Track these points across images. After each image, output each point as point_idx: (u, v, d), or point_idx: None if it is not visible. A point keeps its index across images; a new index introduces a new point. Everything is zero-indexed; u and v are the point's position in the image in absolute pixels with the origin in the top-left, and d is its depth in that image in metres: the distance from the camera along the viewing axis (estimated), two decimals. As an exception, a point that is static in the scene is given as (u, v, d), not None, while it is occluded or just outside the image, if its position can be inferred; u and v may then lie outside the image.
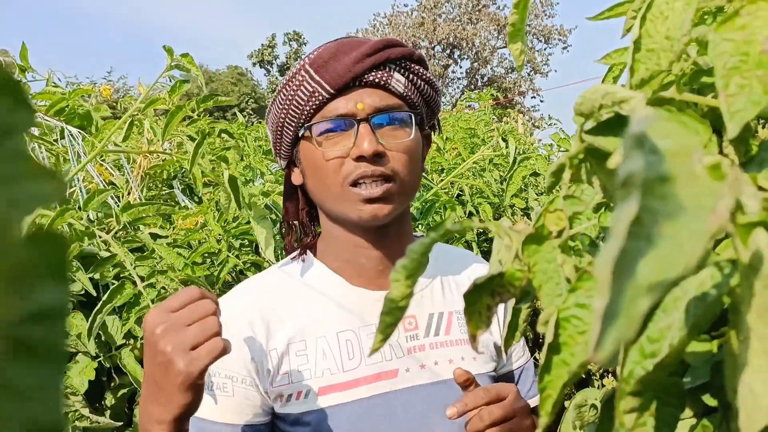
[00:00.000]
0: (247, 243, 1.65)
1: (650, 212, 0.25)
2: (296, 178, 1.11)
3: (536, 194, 2.60)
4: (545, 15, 34.78)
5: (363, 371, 1.03)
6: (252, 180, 1.97)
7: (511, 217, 2.60)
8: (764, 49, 0.39)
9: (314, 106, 1.01)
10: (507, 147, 1.81)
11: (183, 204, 1.82)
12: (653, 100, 0.49)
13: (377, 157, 0.99)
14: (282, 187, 1.65)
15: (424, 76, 1.05)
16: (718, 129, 0.52)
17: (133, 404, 1.32)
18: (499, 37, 35.22)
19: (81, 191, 1.52)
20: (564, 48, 35.35)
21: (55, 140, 1.48)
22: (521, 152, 2.30)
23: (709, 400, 0.62)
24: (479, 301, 0.49)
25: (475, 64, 36.31)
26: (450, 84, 36.66)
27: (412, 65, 1.03)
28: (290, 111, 1.03)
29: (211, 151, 1.27)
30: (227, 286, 1.56)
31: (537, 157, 2.34)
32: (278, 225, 1.81)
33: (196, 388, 0.79)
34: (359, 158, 0.99)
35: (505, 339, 0.69)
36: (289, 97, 1.02)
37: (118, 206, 1.51)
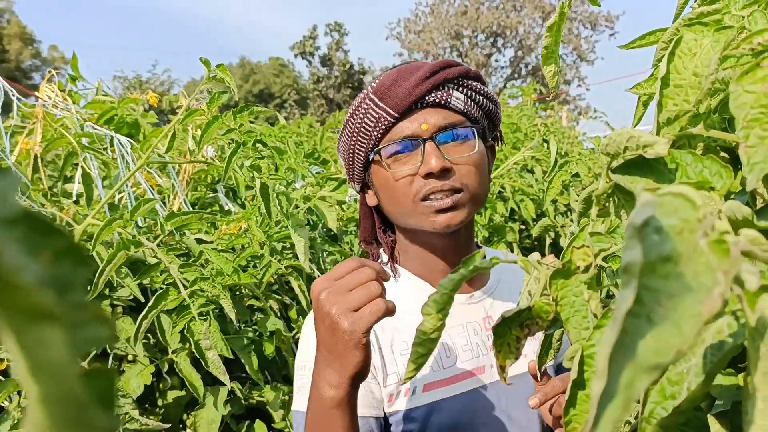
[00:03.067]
0: (288, 246, 1.68)
1: (651, 291, 0.26)
2: (371, 200, 1.19)
3: (577, 194, 2.57)
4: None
5: (460, 368, 1.11)
6: (293, 182, 2.01)
7: (553, 216, 2.60)
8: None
9: (381, 131, 1.08)
10: (548, 148, 1.81)
11: (227, 207, 1.86)
12: (679, 138, 0.50)
13: (444, 173, 1.05)
14: (323, 192, 1.69)
15: (482, 91, 1.10)
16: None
17: (189, 409, 1.36)
18: (543, 24, 34.72)
19: (130, 197, 1.57)
20: (611, 35, 34.68)
21: (105, 149, 1.53)
22: (563, 153, 2.28)
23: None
24: (508, 333, 0.51)
25: (519, 52, 35.89)
26: (493, 73, 36.34)
27: (470, 82, 1.09)
28: (359, 138, 1.10)
29: (248, 157, 1.30)
30: (270, 290, 1.59)
31: (578, 162, 2.32)
32: (316, 231, 1.84)
33: (362, 347, 0.84)
34: (428, 175, 1.05)
35: (539, 357, 0.71)
36: (357, 126, 1.10)
37: (164, 211, 1.56)
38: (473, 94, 1.09)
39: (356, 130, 1.10)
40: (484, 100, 1.10)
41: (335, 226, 1.70)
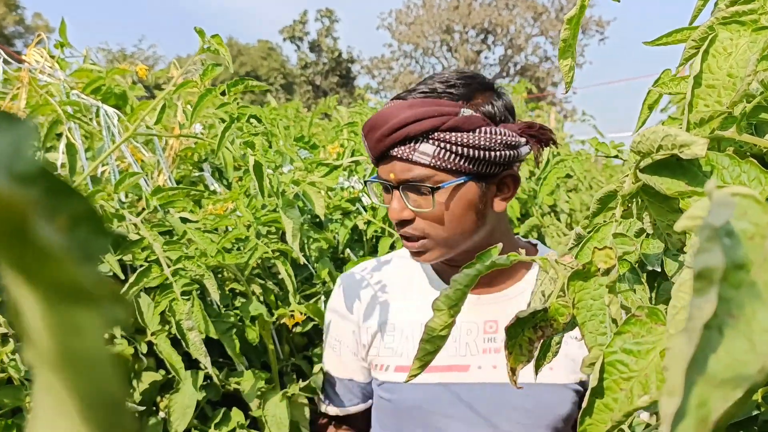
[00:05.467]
0: (274, 231, 1.65)
1: (723, 301, 0.24)
2: None
3: (567, 193, 2.57)
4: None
5: (436, 360, 1.11)
6: (280, 166, 1.97)
7: (539, 214, 2.58)
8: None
9: (373, 162, 1.17)
10: (540, 147, 1.79)
11: (212, 187, 1.82)
12: (713, 140, 0.48)
13: (406, 222, 1.13)
14: (312, 177, 1.65)
15: (462, 141, 1.05)
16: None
17: (163, 392, 1.32)
18: (535, 24, 34.80)
19: (114, 171, 1.53)
20: (601, 40, 34.80)
21: (91, 119, 1.48)
22: (556, 153, 2.27)
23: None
24: (521, 334, 0.49)
25: (509, 51, 35.93)
26: (482, 70, 36.33)
27: (445, 134, 1.05)
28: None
29: (240, 136, 1.26)
30: (252, 274, 1.56)
31: (573, 160, 2.31)
32: (304, 215, 1.81)
33: None
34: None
35: (537, 359, 0.68)
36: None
37: (148, 187, 1.52)
38: (449, 145, 1.05)
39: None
40: (467, 149, 1.06)
41: (322, 213, 1.67)
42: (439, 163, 1.06)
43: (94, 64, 1.65)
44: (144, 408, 1.22)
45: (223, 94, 1.33)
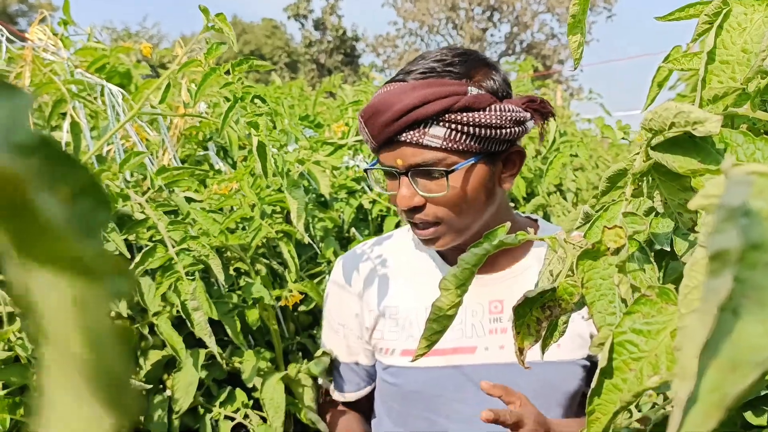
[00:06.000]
0: (279, 210, 1.64)
1: (739, 282, 0.23)
2: None
3: (573, 172, 2.55)
4: (589, -19, 33.74)
5: (442, 343, 1.11)
6: (285, 145, 1.96)
7: (545, 193, 2.57)
8: None
9: (374, 150, 1.12)
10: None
11: (217, 167, 1.81)
12: (726, 117, 0.47)
13: (417, 209, 1.09)
14: (317, 156, 1.65)
15: (474, 121, 1.03)
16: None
17: (169, 369, 1.33)
18: (541, 1, 34.46)
19: (119, 149, 1.52)
20: (609, 17, 34.49)
21: (95, 98, 1.47)
22: (562, 132, 2.25)
23: (751, 418, 0.61)
24: (529, 314, 0.48)
25: (515, 28, 35.63)
26: (488, 48, 36.06)
27: (455, 116, 1.03)
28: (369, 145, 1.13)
29: (244, 115, 1.25)
30: (257, 254, 1.56)
31: (579, 143, 2.29)
32: (309, 195, 1.81)
33: None
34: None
35: (543, 339, 0.68)
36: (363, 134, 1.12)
37: (153, 166, 1.52)
38: (460, 126, 1.03)
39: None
40: (479, 129, 1.04)
41: (327, 192, 1.67)
42: (450, 145, 1.04)
43: (98, 42, 1.64)
44: (151, 386, 1.23)
45: (227, 73, 1.32)
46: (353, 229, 1.90)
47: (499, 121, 1.04)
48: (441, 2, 34.96)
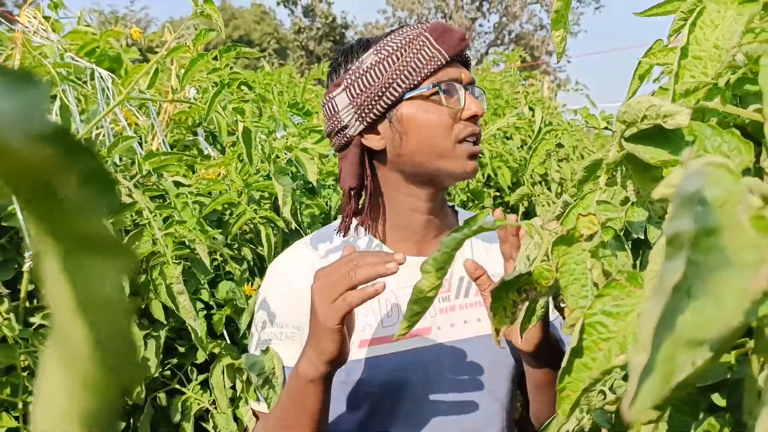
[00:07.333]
0: (267, 196, 1.66)
1: (693, 265, 0.25)
2: (376, 143, 1.15)
3: (558, 162, 2.58)
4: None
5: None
6: (274, 131, 1.97)
7: (530, 183, 2.60)
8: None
9: (430, 71, 1.10)
10: (533, 116, 1.80)
11: (206, 152, 1.82)
12: (697, 111, 0.49)
13: (478, 119, 1.14)
14: (305, 143, 1.66)
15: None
16: (757, 140, 0.52)
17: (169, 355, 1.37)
18: (530, -8, 34.43)
19: (108, 134, 1.53)
20: (597, 8, 34.55)
21: (85, 82, 1.48)
22: (548, 122, 2.27)
23: (718, 400, 0.63)
24: (505, 297, 0.50)
25: (504, 18, 35.61)
26: (477, 38, 36.03)
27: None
28: (404, 73, 1.10)
29: (231, 101, 1.26)
30: (244, 239, 1.57)
31: (564, 131, 2.31)
32: (295, 183, 1.82)
33: (336, 337, 0.92)
34: (470, 118, 1.12)
35: (522, 323, 0.70)
36: (407, 60, 1.11)
37: (142, 151, 1.52)
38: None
39: (404, 65, 1.10)
40: None
41: (315, 179, 1.68)
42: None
43: (88, 26, 1.64)
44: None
45: (215, 59, 1.33)
46: (340, 216, 1.92)
47: None
48: (431, -9, 34.86)
